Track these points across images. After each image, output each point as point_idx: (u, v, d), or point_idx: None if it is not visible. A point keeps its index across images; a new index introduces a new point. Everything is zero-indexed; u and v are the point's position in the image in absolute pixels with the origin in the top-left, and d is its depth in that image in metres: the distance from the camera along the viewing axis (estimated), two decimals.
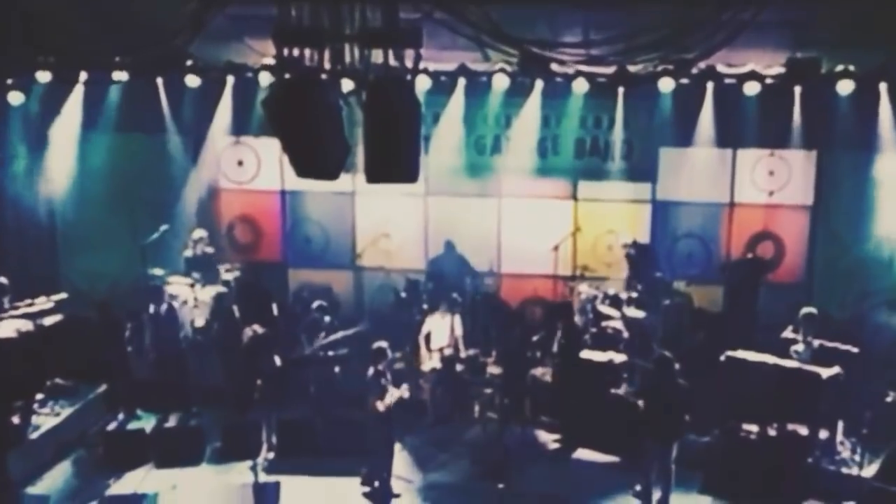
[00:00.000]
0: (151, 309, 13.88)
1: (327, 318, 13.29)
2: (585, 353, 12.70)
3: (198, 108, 14.99)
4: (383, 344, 11.02)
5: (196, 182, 15.74)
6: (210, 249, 15.06)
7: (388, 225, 15.52)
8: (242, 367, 12.80)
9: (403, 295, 15.04)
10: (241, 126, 15.18)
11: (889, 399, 11.62)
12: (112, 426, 12.47)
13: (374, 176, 7.03)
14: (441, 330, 13.20)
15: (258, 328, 13.00)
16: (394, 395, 10.84)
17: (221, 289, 14.45)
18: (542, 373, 13.24)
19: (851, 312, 13.71)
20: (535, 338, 13.85)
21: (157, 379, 13.11)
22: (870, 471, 10.82)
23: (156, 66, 13.87)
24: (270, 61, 13.23)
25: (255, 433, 12.04)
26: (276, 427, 12.14)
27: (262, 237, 16.23)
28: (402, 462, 11.70)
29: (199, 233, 15.02)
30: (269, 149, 15.22)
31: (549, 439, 12.78)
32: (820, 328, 11.95)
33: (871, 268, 13.92)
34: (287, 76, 7.11)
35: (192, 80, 14.38)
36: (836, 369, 11.27)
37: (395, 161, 6.95)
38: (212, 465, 11.94)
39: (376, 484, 11.05)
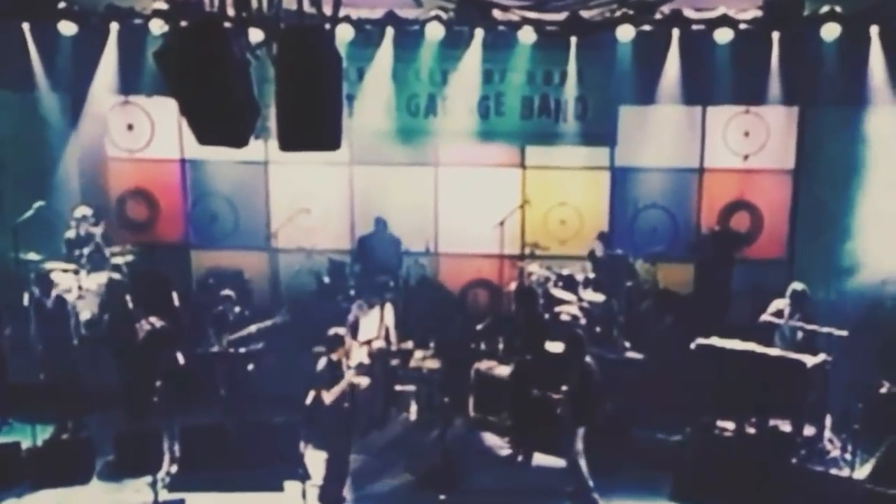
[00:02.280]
0: (27, 300, 13.54)
1: (238, 309, 13.18)
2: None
3: (76, 61, 14.64)
4: (340, 330, 11.02)
5: (77, 150, 15.42)
6: (97, 229, 14.74)
7: (308, 199, 15.39)
8: (138, 366, 12.58)
9: (327, 280, 15.04)
10: (129, 83, 14.85)
11: (883, 390, 11.83)
12: None
13: (289, 142, 6.87)
14: (370, 319, 13.10)
15: (156, 321, 12.89)
16: (353, 382, 10.83)
17: (112, 275, 14.15)
18: (489, 366, 13.24)
19: (839, 291, 13.80)
20: (479, 326, 13.83)
21: (36, 382, 12.76)
22: (862, 471, 10.87)
23: (20, 8, 13.48)
24: (163, 5, 12.98)
25: (154, 443, 11.75)
26: (180, 435, 11.95)
27: (158, 214, 16.06)
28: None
29: (83, 210, 14.67)
30: (165, 110, 14.97)
31: (496, 443, 12.82)
32: (805, 309, 12.10)
33: (860, 240, 13.96)
34: (183, 24, 6.93)
35: (67, 28, 14.10)
36: (822, 356, 11.46)
37: (314, 125, 6.80)
38: (103, 482, 11.71)
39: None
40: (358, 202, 15.68)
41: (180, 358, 12.68)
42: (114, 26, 14.30)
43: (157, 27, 13.61)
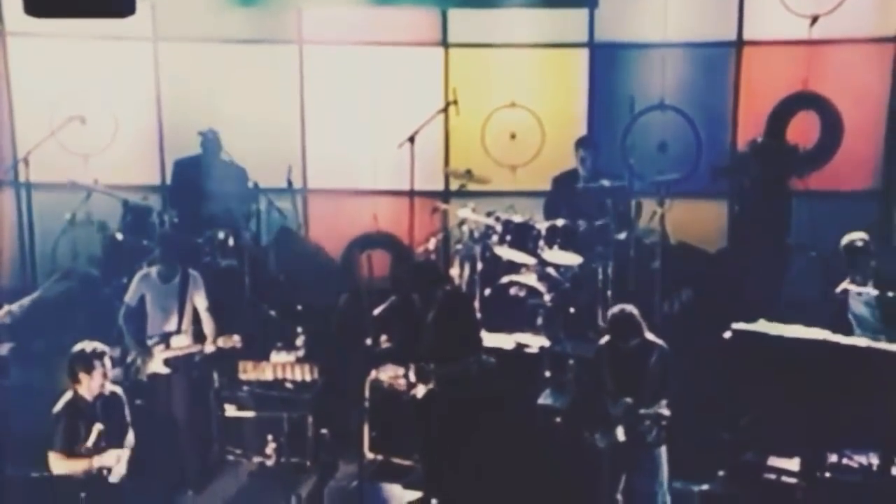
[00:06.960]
0: None
1: None
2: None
3: None
4: (98, 346, 10.69)
5: None
6: None
7: (83, 100, 15.41)
8: None
9: (120, 237, 14.88)
10: None
11: None
12: None
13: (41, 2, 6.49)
14: (163, 301, 12.78)
15: None
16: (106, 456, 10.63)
17: None
18: (393, 376, 13.10)
19: None
20: (377, 311, 13.28)
21: None
22: None
23: None
24: None
25: None
26: None
27: None
28: None
29: None
30: None
31: (406, 498, 12.53)
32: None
33: None
34: None
35: None
36: None
37: None
38: None
39: None
40: (169, 106, 15.74)
41: None
42: None
43: None
